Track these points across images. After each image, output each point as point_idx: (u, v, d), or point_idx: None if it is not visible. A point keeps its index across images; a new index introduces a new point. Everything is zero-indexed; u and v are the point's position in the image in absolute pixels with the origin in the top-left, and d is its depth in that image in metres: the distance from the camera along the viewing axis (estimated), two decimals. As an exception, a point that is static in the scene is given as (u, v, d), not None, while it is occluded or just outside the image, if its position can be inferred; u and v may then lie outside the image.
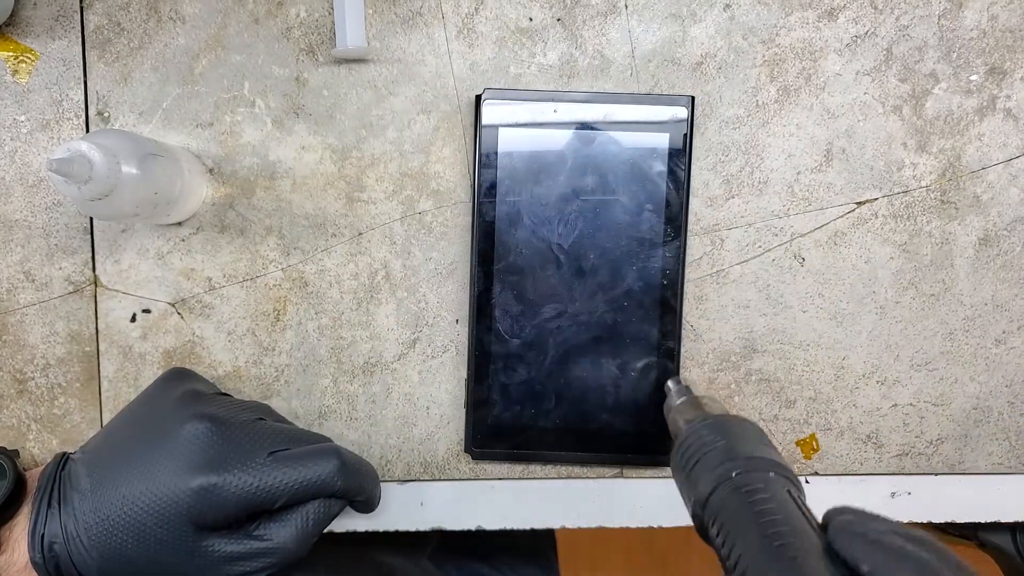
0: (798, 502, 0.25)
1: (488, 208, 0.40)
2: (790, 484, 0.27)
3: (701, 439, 0.29)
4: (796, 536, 0.23)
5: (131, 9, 0.41)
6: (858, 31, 0.41)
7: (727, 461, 0.27)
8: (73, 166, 0.31)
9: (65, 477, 0.35)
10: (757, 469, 0.27)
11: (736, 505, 0.25)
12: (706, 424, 0.30)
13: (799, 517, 0.24)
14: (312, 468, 0.34)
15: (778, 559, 0.22)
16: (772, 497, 0.25)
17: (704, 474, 0.28)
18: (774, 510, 0.24)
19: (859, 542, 0.21)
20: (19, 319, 0.42)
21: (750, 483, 0.26)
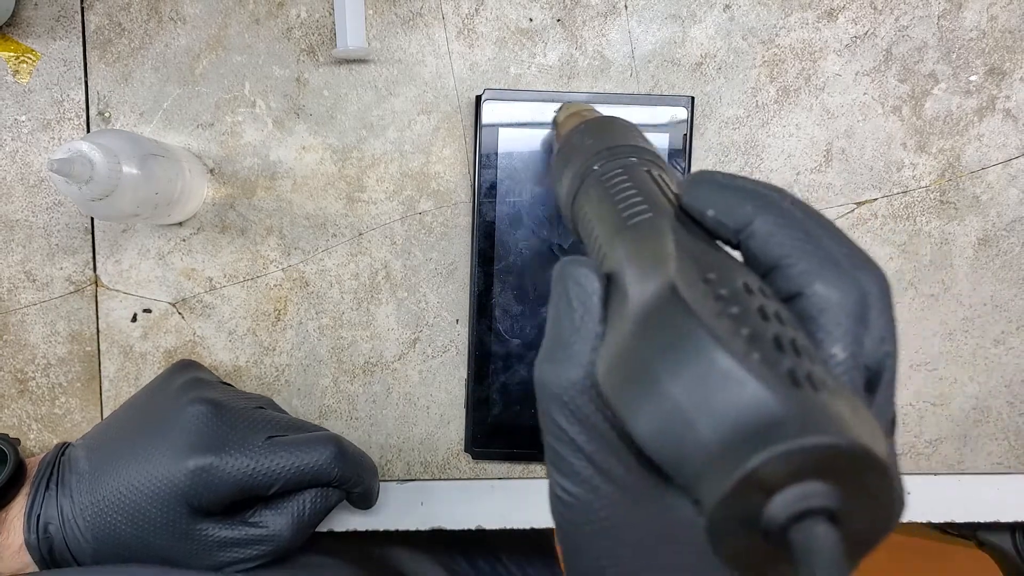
0: (657, 179, 0.25)
1: (488, 208, 0.40)
2: (652, 165, 0.26)
3: (571, 144, 0.29)
4: (648, 205, 0.22)
5: (132, 9, 0.41)
6: (858, 32, 0.41)
7: (589, 157, 0.27)
8: (74, 166, 0.31)
9: (65, 462, 0.35)
10: (617, 157, 0.26)
11: (596, 195, 0.25)
12: (575, 130, 0.29)
13: (654, 191, 0.23)
14: (309, 454, 0.34)
15: (624, 226, 0.22)
16: (629, 178, 0.24)
17: (570, 176, 0.27)
18: (626, 188, 0.24)
19: (705, 188, 0.21)
20: (20, 319, 0.42)
21: (609, 171, 0.25)
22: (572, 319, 0.20)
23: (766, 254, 0.19)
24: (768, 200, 0.20)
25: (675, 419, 0.16)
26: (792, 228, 0.19)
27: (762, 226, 0.19)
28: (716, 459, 0.15)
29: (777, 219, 0.19)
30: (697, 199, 0.21)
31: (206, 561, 0.34)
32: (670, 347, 0.17)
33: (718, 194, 0.21)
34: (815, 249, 0.19)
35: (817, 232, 0.19)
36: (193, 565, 0.34)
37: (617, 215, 0.23)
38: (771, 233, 0.19)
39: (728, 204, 0.20)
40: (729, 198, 0.20)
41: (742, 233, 0.20)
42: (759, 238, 0.19)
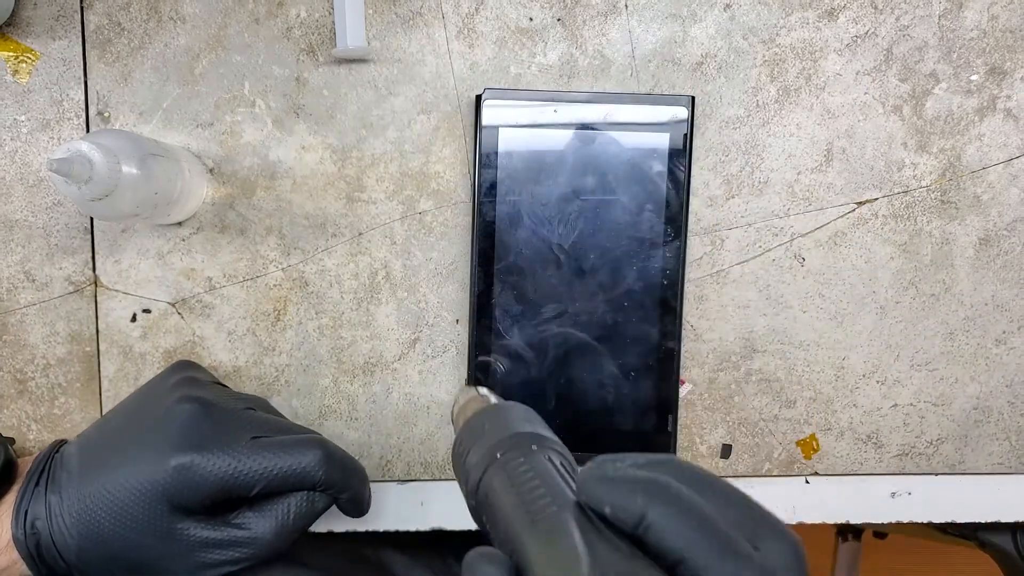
0: (560, 468, 0.25)
1: (488, 208, 0.40)
2: (552, 452, 0.26)
3: (471, 431, 0.29)
4: (552, 497, 0.23)
5: (131, 9, 0.41)
6: (858, 31, 0.41)
7: (492, 445, 0.27)
8: (73, 166, 0.31)
9: (58, 459, 0.35)
10: (518, 446, 0.26)
11: (499, 485, 0.25)
12: (475, 415, 0.30)
13: (557, 482, 0.24)
14: (293, 456, 0.34)
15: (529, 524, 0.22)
16: (531, 468, 0.25)
17: (474, 463, 0.27)
18: (531, 479, 0.24)
19: (598, 486, 0.21)
20: (19, 319, 0.42)
21: (511, 459, 0.26)
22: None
23: (665, 549, 0.19)
24: (656, 489, 0.20)
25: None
26: (685, 517, 0.19)
27: (656, 518, 0.20)
28: None
29: (667, 510, 0.20)
30: (593, 497, 0.21)
31: (186, 561, 0.33)
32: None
33: (610, 489, 0.21)
34: (709, 539, 0.19)
35: (712, 520, 0.19)
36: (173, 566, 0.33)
37: (522, 510, 0.23)
38: (665, 527, 0.19)
39: (621, 499, 0.20)
40: (620, 492, 0.21)
41: (639, 528, 0.20)
42: (655, 532, 0.20)
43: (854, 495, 0.44)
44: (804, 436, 0.44)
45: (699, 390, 0.43)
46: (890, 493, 0.44)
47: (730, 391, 0.43)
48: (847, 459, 0.44)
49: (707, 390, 0.43)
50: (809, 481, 0.44)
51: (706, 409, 0.43)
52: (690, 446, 0.43)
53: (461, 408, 0.33)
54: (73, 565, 0.33)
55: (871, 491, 0.44)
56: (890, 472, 0.44)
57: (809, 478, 0.44)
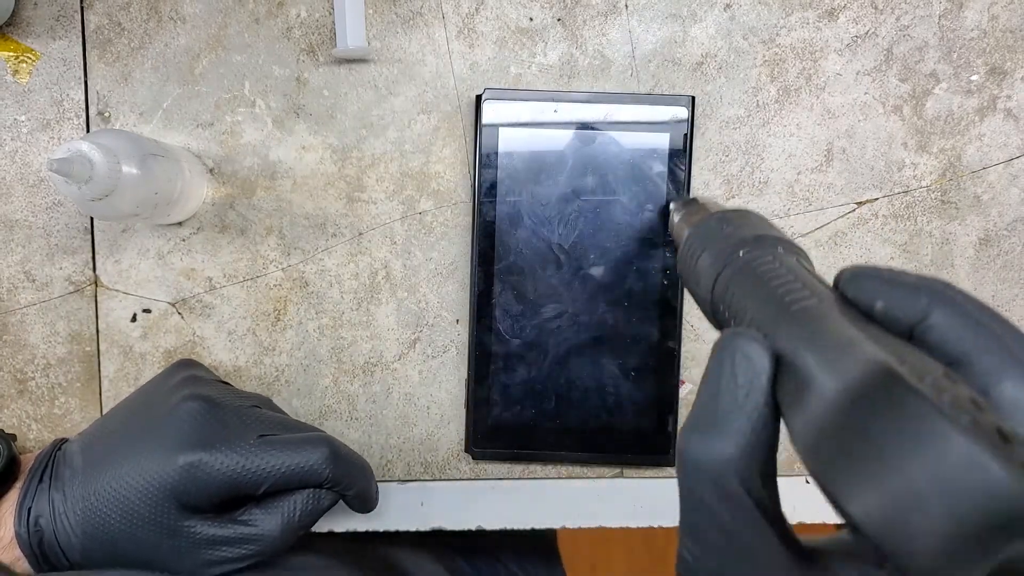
0: (808, 269, 0.24)
1: (488, 208, 0.40)
2: (799, 255, 0.25)
3: (705, 232, 0.28)
4: (808, 290, 0.22)
5: (131, 9, 0.41)
6: (858, 31, 0.41)
7: (733, 244, 0.26)
8: (73, 166, 0.31)
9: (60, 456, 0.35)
10: (763, 246, 0.26)
11: (744, 279, 0.24)
12: (707, 219, 0.29)
13: (811, 279, 0.23)
14: (300, 454, 0.34)
15: (788, 310, 0.21)
16: (781, 265, 0.24)
17: (710, 261, 0.27)
18: (783, 274, 0.23)
19: (871, 282, 0.21)
20: (20, 319, 0.42)
21: (757, 257, 0.25)
22: (735, 394, 0.20)
23: (947, 349, 0.19)
24: (943, 294, 0.20)
25: (905, 500, 0.16)
26: (971, 321, 0.19)
27: (941, 319, 0.19)
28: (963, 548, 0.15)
29: (955, 314, 0.19)
30: (864, 291, 0.21)
31: (192, 559, 0.33)
32: (897, 426, 0.16)
33: (887, 287, 0.20)
34: (999, 347, 0.18)
35: (998, 329, 0.19)
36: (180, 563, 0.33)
37: (778, 299, 0.22)
38: (951, 327, 0.19)
39: (899, 297, 0.20)
40: (899, 291, 0.20)
41: (918, 327, 0.19)
42: (938, 332, 0.19)
43: (854, 495, 0.44)
44: (804, 436, 0.44)
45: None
46: (890, 493, 0.44)
47: (730, 391, 0.43)
48: (847, 459, 0.44)
49: (707, 390, 0.43)
50: (809, 481, 0.44)
51: (706, 409, 0.43)
52: (690, 446, 0.43)
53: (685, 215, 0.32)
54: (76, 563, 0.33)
55: (871, 491, 0.44)
56: (890, 472, 0.44)
57: (809, 478, 0.44)
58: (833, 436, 0.18)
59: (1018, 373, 0.18)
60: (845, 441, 0.17)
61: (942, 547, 0.15)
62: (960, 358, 0.19)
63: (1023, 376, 0.18)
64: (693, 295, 0.28)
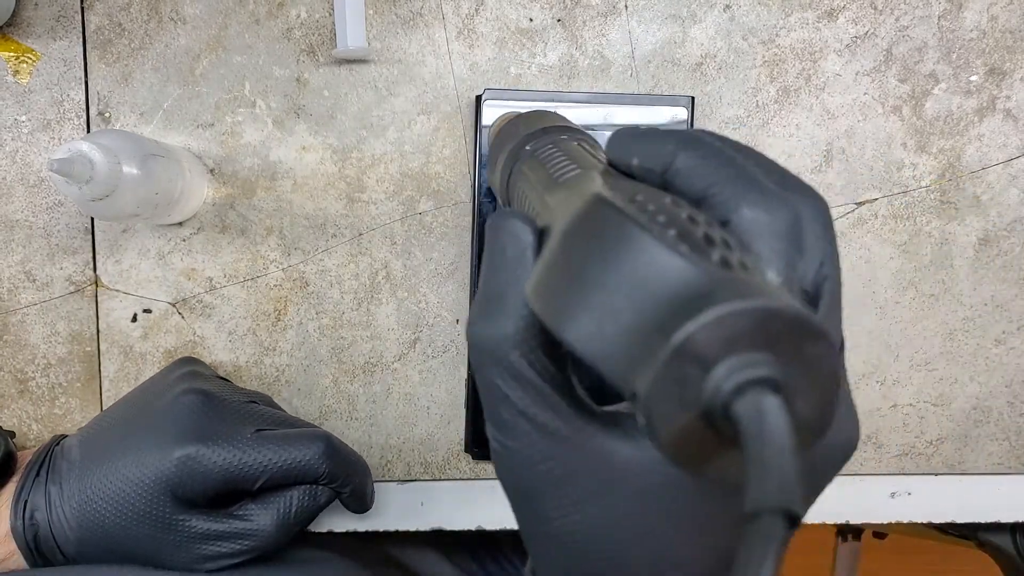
0: (588, 149, 0.25)
1: (488, 208, 0.40)
2: (582, 140, 0.26)
3: (504, 133, 0.29)
4: (578, 165, 0.23)
5: (132, 10, 0.41)
6: (858, 32, 0.41)
7: (522, 139, 0.27)
8: (74, 166, 0.31)
9: (58, 451, 0.35)
10: (548, 134, 0.27)
11: (528, 167, 0.25)
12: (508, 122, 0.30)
13: (584, 155, 0.24)
14: (297, 449, 0.34)
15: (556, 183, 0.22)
16: (559, 149, 0.25)
17: (504, 157, 0.28)
18: (558, 156, 0.24)
19: (625, 139, 0.21)
20: (20, 319, 0.42)
21: (539, 147, 0.26)
22: (505, 272, 0.20)
23: (691, 187, 0.19)
24: (690, 137, 0.20)
25: (604, 313, 0.16)
26: (715, 159, 0.19)
27: (685, 161, 0.19)
28: (646, 341, 0.15)
29: (699, 152, 0.19)
30: (620, 150, 0.21)
31: (187, 553, 0.33)
32: (596, 243, 0.17)
33: (640, 141, 0.21)
34: (739, 175, 0.19)
35: (742, 161, 0.19)
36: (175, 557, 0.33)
37: (548, 177, 0.23)
38: (694, 167, 0.19)
39: (650, 148, 0.20)
40: (651, 142, 0.20)
41: (667, 173, 0.20)
42: (683, 173, 0.19)
43: (854, 495, 0.44)
44: (804, 436, 0.44)
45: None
46: (890, 493, 0.44)
47: (730, 391, 0.43)
48: (847, 459, 0.44)
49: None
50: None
51: (706, 409, 0.43)
52: (690, 446, 0.43)
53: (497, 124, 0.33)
54: (71, 556, 0.33)
55: (871, 491, 0.44)
56: (890, 472, 0.44)
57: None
58: (552, 272, 0.18)
59: (754, 196, 0.18)
60: (560, 272, 0.18)
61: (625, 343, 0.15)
62: (704, 194, 0.19)
63: (758, 198, 0.18)
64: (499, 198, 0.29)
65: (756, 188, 0.18)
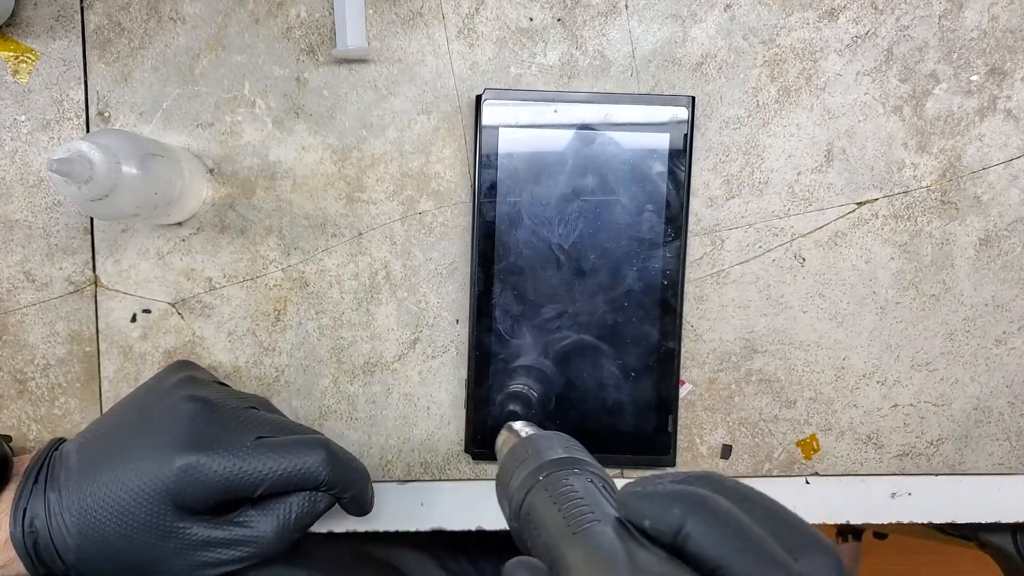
0: (601, 489, 0.26)
1: (488, 208, 0.40)
2: (594, 476, 0.27)
3: (514, 458, 0.30)
4: (593, 512, 0.24)
5: (131, 9, 0.41)
6: (858, 31, 0.41)
7: (535, 468, 0.28)
8: (73, 166, 0.31)
9: (56, 457, 0.35)
10: (562, 468, 0.28)
11: (541, 503, 0.26)
12: (518, 444, 0.31)
13: (599, 499, 0.25)
14: (297, 457, 0.34)
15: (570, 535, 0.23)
16: (573, 487, 0.26)
17: (516, 487, 0.29)
18: (574, 495, 0.25)
19: (636, 500, 0.22)
20: (19, 319, 0.42)
21: (553, 480, 0.27)
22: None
23: (702, 557, 0.20)
24: (695, 501, 0.21)
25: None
26: (722, 527, 0.20)
27: (694, 528, 0.20)
28: None
29: (706, 521, 0.20)
30: (632, 511, 0.22)
31: (188, 560, 0.33)
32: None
33: (648, 503, 0.21)
34: (747, 548, 0.19)
35: (749, 529, 0.20)
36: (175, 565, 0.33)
37: (564, 523, 0.24)
38: (703, 534, 0.20)
39: (659, 511, 0.21)
40: (659, 505, 0.21)
41: (678, 537, 0.20)
42: (693, 541, 0.20)
43: (854, 495, 0.44)
44: (804, 436, 0.44)
45: (699, 390, 0.43)
46: (890, 493, 0.44)
47: (730, 391, 0.43)
48: (847, 459, 0.44)
49: (707, 390, 0.43)
50: (809, 481, 0.44)
51: (706, 409, 0.43)
52: (690, 446, 0.43)
53: (504, 441, 0.34)
54: (71, 564, 0.33)
55: (871, 491, 0.44)
56: (890, 472, 0.44)
57: (809, 478, 0.44)
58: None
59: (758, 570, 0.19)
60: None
61: None
62: (716, 564, 0.19)
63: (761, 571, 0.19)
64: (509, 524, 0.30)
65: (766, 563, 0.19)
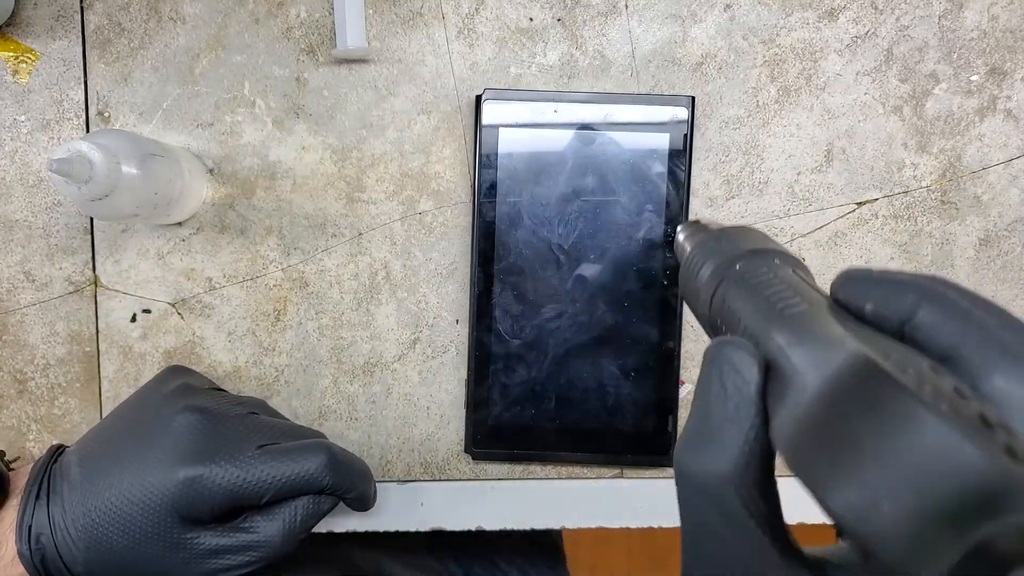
0: (804, 278, 0.24)
1: (488, 208, 0.40)
2: (796, 266, 0.25)
3: (704, 249, 0.28)
4: (800, 297, 0.22)
5: (131, 9, 0.41)
6: (858, 31, 0.41)
7: (730, 258, 0.26)
8: (73, 166, 0.31)
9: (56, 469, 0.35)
10: (759, 257, 0.26)
11: (739, 290, 0.24)
12: (708, 236, 0.29)
13: (805, 287, 0.23)
14: (300, 463, 0.34)
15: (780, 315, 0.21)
16: (776, 276, 0.24)
17: (708, 275, 0.27)
18: (777, 283, 0.23)
19: (860, 283, 0.21)
20: (19, 319, 0.42)
21: (752, 269, 0.25)
22: (725, 407, 0.20)
23: (935, 345, 0.18)
24: (931, 290, 0.19)
25: (880, 489, 0.15)
26: (961, 318, 0.18)
27: (928, 316, 0.19)
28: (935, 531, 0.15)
29: (943, 309, 0.19)
30: (854, 294, 0.21)
31: (197, 569, 0.34)
32: (873, 413, 0.16)
33: (875, 287, 0.20)
34: (989, 340, 0.18)
35: (989, 322, 0.18)
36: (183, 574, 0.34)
37: (770, 306, 0.22)
38: (939, 323, 0.18)
39: (887, 296, 0.20)
40: (888, 290, 0.20)
41: (907, 325, 0.19)
42: (925, 329, 0.19)
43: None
44: (804, 436, 0.44)
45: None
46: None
47: (730, 391, 0.43)
48: (847, 459, 0.44)
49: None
50: (809, 481, 0.44)
51: (706, 409, 0.43)
52: (690, 446, 0.43)
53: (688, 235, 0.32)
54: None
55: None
56: (890, 472, 0.44)
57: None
58: (813, 430, 0.17)
59: (1008, 366, 0.17)
60: (824, 434, 0.17)
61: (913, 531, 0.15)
62: (950, 353, 0.18)
63: (1013, 368, 0.17)
64: (694, 312, 0.28)
65: (1009, 357, 0.17)
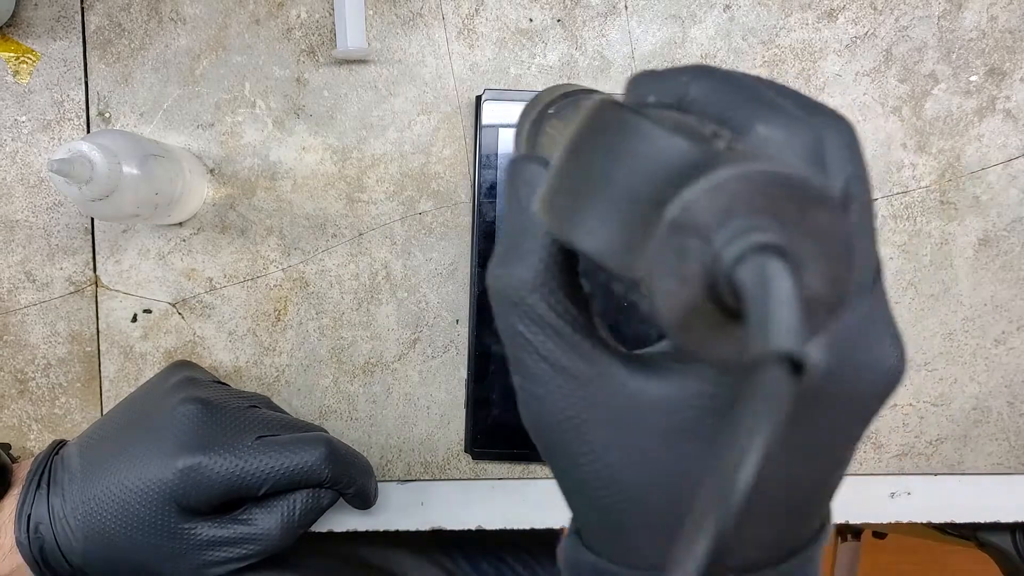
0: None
1: (488, 208, 0.40)
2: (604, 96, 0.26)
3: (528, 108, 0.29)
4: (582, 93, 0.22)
5: (132, 10, 0.41)
6: (858, 32, 0.41)
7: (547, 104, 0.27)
8: (74, 166, 0.31)
9: (58, 461, 0.35)
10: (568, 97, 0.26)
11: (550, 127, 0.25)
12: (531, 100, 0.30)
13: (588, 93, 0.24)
14: (299, 455, 0.34)
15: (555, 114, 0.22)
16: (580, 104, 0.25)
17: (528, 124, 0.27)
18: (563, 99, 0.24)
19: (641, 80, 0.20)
20: (20, 319, 0.42)
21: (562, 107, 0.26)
22: (522, 219, 0.20)
23: (708, 113, 0.18)
24: (699, 69, 0.19)
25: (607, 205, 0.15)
26: (730, 86, 0.19)
27: (699, 89, 0.19)
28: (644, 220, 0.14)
29: (711, 81, 0.19)
30: (636, 91, 0.21)
31: (194, 560, 0.34)
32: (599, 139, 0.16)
33: (654, 80, 0.20)
34: (755, 97, 0.18)
35: (757, 86, 0.18)
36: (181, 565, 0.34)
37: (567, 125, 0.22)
38: (708, 93, 0.19)
39: (664, 84, 0.20)
40: (664, 79, 0.20)
41: (682, 104, 0.19)
42: (698, 101, 0.19)
43: (853, 495, 0.44)
44: (804, 436, 0.44)
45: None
46: (889, 493, 0.44)
47: (730, 391, 0.43)
48: (846, 459, 0.44)
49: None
50: (809, 481, 0.44)
51: (706, 409, 0.43)
52: (690, 446, 0.44)
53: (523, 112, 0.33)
54: (78, 568, 0.33)
55: (870, 491, 0.44)
56: (889, 472, 0.44)
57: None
58: (558, 180, 0.17)
59: (768, 114, 0.17)
60: (566, 178, 0.17)
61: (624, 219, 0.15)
62: (719, 118, 0.18)
63: (773, 116, 0.17)
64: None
65: (772, 108, 0.18)
